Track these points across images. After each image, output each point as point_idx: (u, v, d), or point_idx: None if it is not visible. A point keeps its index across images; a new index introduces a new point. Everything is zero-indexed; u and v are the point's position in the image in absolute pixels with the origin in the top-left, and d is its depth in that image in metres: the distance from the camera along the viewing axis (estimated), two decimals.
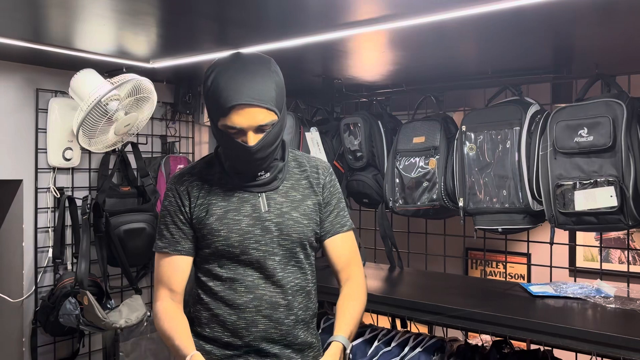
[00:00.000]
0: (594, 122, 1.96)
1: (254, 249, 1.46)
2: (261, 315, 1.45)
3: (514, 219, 2.19)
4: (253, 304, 1.45)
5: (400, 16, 1.64)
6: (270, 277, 1.47)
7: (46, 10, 1.73)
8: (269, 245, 1.47)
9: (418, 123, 2.55)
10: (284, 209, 1.49)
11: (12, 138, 2.43)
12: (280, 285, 1.47)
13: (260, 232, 1.46)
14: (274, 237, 1.47)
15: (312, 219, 1.53)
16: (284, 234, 1.48)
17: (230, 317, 1.46)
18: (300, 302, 1.51)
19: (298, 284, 1.51)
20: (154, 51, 2.23)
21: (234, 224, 1.45)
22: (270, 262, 1.47)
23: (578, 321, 1.85)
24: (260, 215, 1.47)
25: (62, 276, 2.47)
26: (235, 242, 1.45)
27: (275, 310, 1.46)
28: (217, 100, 1.39)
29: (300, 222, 1.50)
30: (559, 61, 2.27)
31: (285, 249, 1.48)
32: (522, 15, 1.60)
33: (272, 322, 1.46)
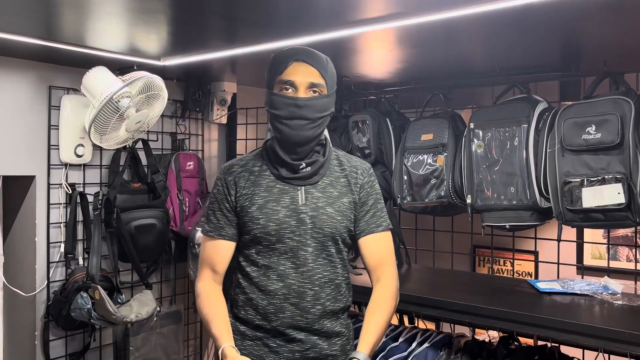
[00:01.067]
0: (602, 120, 1.97)
1: (289, 239, 1.55)
2: (289, 303, 1.55)
3: (521, 216, 2.20)
4: (282, 291, 1.55)
5: (409, 14, 1.65)
6: (301, 267, 1.56)
7: (59, 9, 1.76)
8: (303, 237, 1.56)
9: (426, 120, 2.56)
10: (320, 203, 1.58)
11: (26, 135, 2.47)
12: (309, 276, 1.56)
13: (296, 223, 1.55)
14: (307, 229, 1.56)
15: (346, 216, 1.60)
16: (317, 227, 1.56)
17: (261, 302, 1.57)
18: (329, 294, 1.58)
19: (327, 276, 1.58)
20: (165, 49, 2.25)
21: (272, 213, 1.56)
22: (302, 252, 1.56)
23: (585, 317, 1.86)
24: (297, 208, 1.56)
25: (74, 271, 2.50)
26: (272, 230, 1.55)
27: (302, 299, 1.55)
28: (277, 60, 1.56)
29: (333, 218, 1.58)
30: (567, 59, 2.27)
31: (317, 241, 1.57)
32: (530, 13, 1.61)
33: (298, 310, 1.55)
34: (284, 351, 1.58)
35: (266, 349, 1.59)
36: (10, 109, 2.42)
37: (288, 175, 1.59)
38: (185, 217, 2.89)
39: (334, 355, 1.62)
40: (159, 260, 2.79)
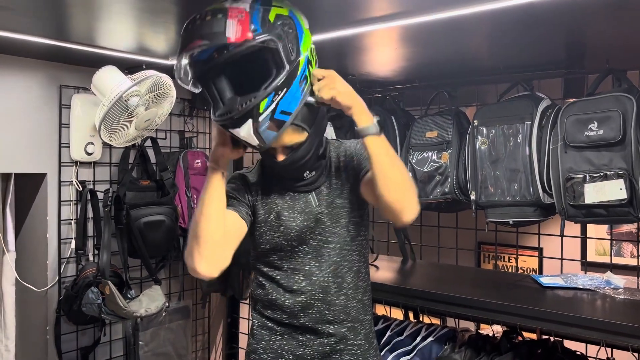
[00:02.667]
0: (604, 116, 1.99)
1: (311, 239, 1.57)
2: (315, 299, 1.57)
3: (525, 212, 2.23)
4: (307, 289, 1.56)
5: (413, 13, 1.68)
6: (324, 264, 1.57)
7: (69, 9, 1.80)
8: (323, 235, 1.57)
9: (431, 118, 2.59)
10: (331, 198, 1.59)
11: (37, 133, 2.52)
12: (332, 270, 1.58)
13: (315, 224, 1.57)
14: (327, 227, 1.57)
15: (354, 200, 1.61)
16: (334, 221, 1.58)
17: (287, 302, 1.58)
18: (350, 282, 1.61)
19: (346, 266, 1.60)
20: (173, 48, 2.28)
21: (290, 220, 1.56)
22: (325, 250, 1.58)
23: (587, 311, 1.89)
24: (312, 210, 1.57)
25: (85, 267, 2.55)
26: (293, 236, 1.56)
27: (327, 293, 1.57)
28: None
29: (345, 207, 1.60)
30: (570, 56, 2.29)
31: (337, 235, 1.58)
32: (534, 11, 1.62)
33: (324, 304, 1.57)
34: (314, 344, 1.59)
35: (295, 343, 1.60)
36: (22, 108, 2.46)
37: (295, 184, 1.59)
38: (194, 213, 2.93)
39: (359, 345, 1.64)
40: (168, 256, 2.83)
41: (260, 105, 1.33)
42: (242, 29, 1.27)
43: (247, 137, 1.38)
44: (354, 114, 1.45)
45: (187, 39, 1.31)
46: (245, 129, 1.36)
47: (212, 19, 1.28)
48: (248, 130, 1.36)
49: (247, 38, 1.27)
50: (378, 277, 2.38)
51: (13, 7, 1.73)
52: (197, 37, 1.27)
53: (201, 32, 1.27)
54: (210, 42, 1.28)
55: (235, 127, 1.37)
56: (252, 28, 1.28)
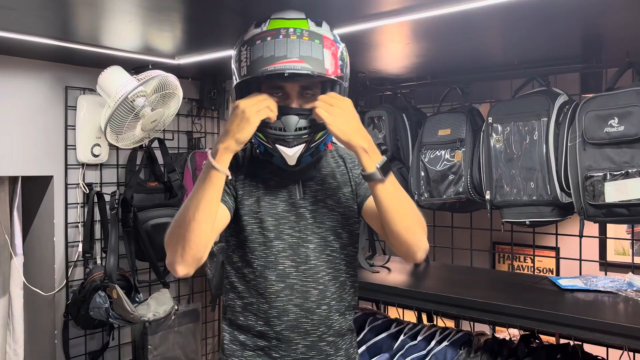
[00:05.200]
0: (625, 112, 1.92)
1: (288, 235, 1.46)
2: (292, 305, 1.45)
3: (542, 212, 2.16)
4: (284, 292, 1.45)
5: (425, 7, 1.62)
6: (302, 265, 1.46)
7: (74, 9, 1.76)
8: (303, 232, 1.46)
9: (443, 115, 2.53)
10: (319, 196, 1.49)
11: (43, 135, 2.49)
12: (312, 274, 1.46)
13: (295, 218, 1.46)
14: (308, 224, 1.47)
15: (347, 207, 1.52)
16: (318, 221, 1.47)
17: (262, 306, 1.46)
18: (334, 292, 1.49)
19: (330, 274, 1.48)
20: (179, 47, 2.25)
21: (270, 207, 1.46)
22: (303, 249, 1.46)
23: (609, 315, 1.82)
24: (295, 202, 1.47)
25: (92, 270, 2.52)
26: (270, 225, 1.45)
27: (307, 299, 1.45)
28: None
29: (334, 210, 1.50)
30: (588, 50, 2.22)
31: (319, 237, 1.47)
32: (550, 3, 1.57)
33: (302, 311, 1.45)
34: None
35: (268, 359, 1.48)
36: (27, 110, 2.44)
37: (283, 169, 1.46)
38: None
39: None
40: None
41: (319, 134, 1.39)
42: (335, 63, 1.35)
43: (291, 157, 1.38)
44: (357, 153, 1.37)
45: (281, 51, 1.30)
46: (294, 151, 1.37)
47: (310, 43, 1.32)
48: (296, 153, 1.37)
49: (338, 75, 1.36)
50: (390, 280, 2.33)
51: (17, 7, 1.70)
52: (295, 55, 1.30)
53: (301, 52, 1.30)
54: (311, 68, 1.30)
55: (284, 146, 1.37)
56: (340, 64, 1.37)
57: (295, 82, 1.36)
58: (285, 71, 1.29)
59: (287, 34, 1.32)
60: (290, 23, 1.35)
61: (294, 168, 1.42)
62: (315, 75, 1.32)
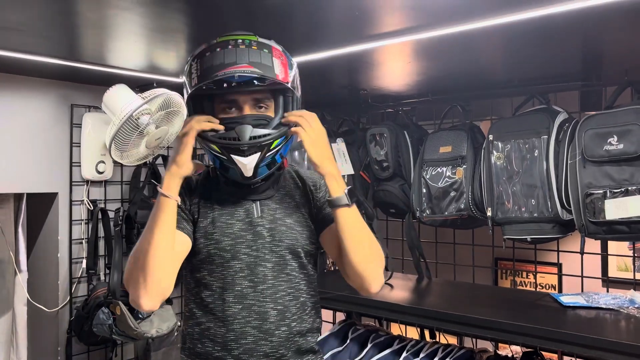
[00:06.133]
0: (624, 130, 1.94)
1: (245, 254, 1.42)
2: (250, 327, 1.40)
3: (543, 229, 2.17)
4: (242, 314, 1.40)
5: (425, 27, 1.65)
6: (260, 285, 1.42)
7: (81, 30, 1.79)
8: (260, 251, 1.43)
9: (444, 132, 2.55)
10: (277, 215, 1.47)
11: (48, 152, 2.51)
12: (270, 294, 1.42)
13: (252, 237, 1.43)
14: (265, 242, 1.43)
15: (306, 226, 1.50)
16: (276, 239, 1.44)
17: (219, 330, 1.41)
18: (294, 314, 1.44)
19: (291, 294, 1.45)
20: (184, 66, 2.27)
21: (226, 227, 1.43)
22: (261, 268, 1.42)
23: (611, 332, 1.82)
24: (252, 220, 1.44)
25: (96, 286, 2.53)
26: (227, 245, 1.42)
27: (265, 321, 1.41)
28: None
29: (293, 229, 1.47)
30: (587, 68, 2.24)
31: (277, 255, 1.44)
32: (549, 24, 1.59)
33: (261, 333, 1.40)
34: None
35: None
36: (33, 127, 2.46)
37: (239, 189, 1.46)
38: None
39: None
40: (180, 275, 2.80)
41: (274, 142, 1.37)
42: (285, 71, 1.37)
43: (246, 167, 1.36)
44: (326, 177, 1.40)
45: (230, 57, 1.32)
46: (250, 160, 1.36)
47: (259, 51, 1.35)
48: (252, 162, 1.36)
49: (288, 81, 1.38)
50: (392, 297, 2.33)
51: (25, 29, 1.73)
52: (244, 61, 1.32)
53: (250, 58, 1.33)
54: (261, 72, 1.32)
55: (239, 155, 1.35)
56: (289, 72, 1.39)
57: (247, 94, 1.38)
58: (234, 74, 1.30)
59: (235, 44, 1.35)
60: (239, 37, 1.38)
61: (251, 180, 1.40)
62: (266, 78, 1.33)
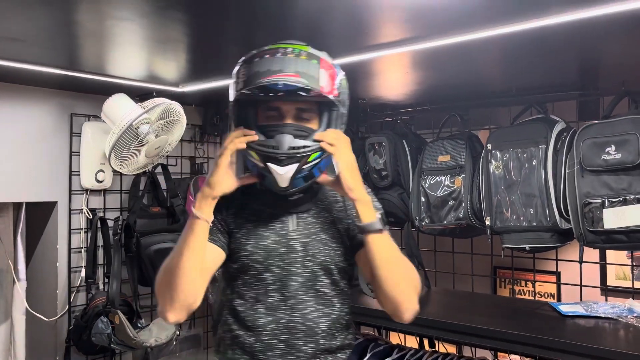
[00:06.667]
0: (621, 140, 1.95)
1: (278, 267, 1.41)
2: (277, 340, 1.39)
3: (541, 238, 2.18)
4: (270, 326, 1.40)
5: (423, 38, 1.66)
6: (290, 299, 1.40)
7: (81, 40, 1.81)
8: (293, 265, 1.41)
9: (443, 142, 2.56)
10: (313, 229, 1.44)
11: (48, 161, 2.52)
12: (299, 309, 1.40)
13: (286, 250, 1.41)
14: (298, 257, 1.41)
15: (341, 242, 1.46)
16: (309, 254, 1.42)
17: (248, 339, 1.41)
18: (324, 331, 1.42)
19: (320, 310, 1.42)
20: (183, 76, 2.29)
21: (260, 239, 1.42)
22: (292, 282, 1.41)
23: (610, 341, 1.82)
24: (287, 233, 1.42)
25: (94, 295, 2.53)
26: (260, 257, 1.41)
27: (293, 335, 1.39)
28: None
29: (327, 245, 1.44)
30: (584, 78, 2.26)
31: (309, 271, 1.42)
32: (547, 34, 1.60)
33: (288, 347, 1.39)
34: None
35: None
36: (32, 136, 2.47)
37: (277, 201, 1.43)
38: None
39: None
40: None
41: (312, 155, 1.34)
42: (331, 84, 1.34)
43: (282, 177, 1.33)
44: (357, 203, 1.36)
45: (277, 65, 1.30)
46: (286, 170, 1.32)
47: (307, 61, 1.32)
48: (288, 172, 1.32)
49: (333, 94, 1.35)
50: None
51: (26, 39, 1.74)
52: (292, 70, 1.29)
53: (297, 67, 1.30)
54: (306, 82, 1.29)
55: (276, 164, 1.32)
56: (336, 86, 1.36)
57: (291, 103, 1.36)
58: (279, 82, 1.28)
59: (285, 52, 1.32)
60: (290, 45, 1.36)
61: (286, 191, 1.37)
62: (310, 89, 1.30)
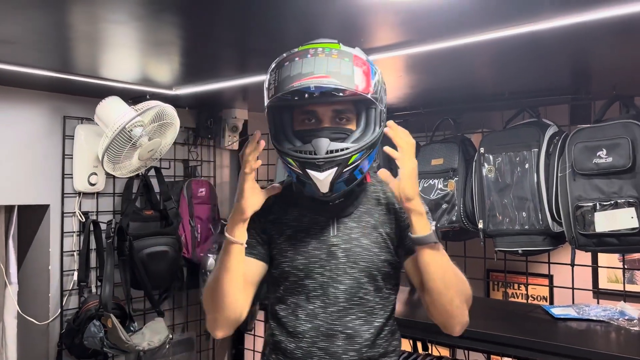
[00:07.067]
0: (612, 144, 1.96)
1: (319, 274, 1.37)
2: (317, 347, 1.36)
3: (534, 241, 2.19)
4: (310, 333, 1.37)
5: (417, 42, 1.67)
6: (330, 307, 1.36)
7: (74, 43, 1.80)
8: (334, 272, 1.36)
9: (436, 145, 2.57)
10: (354, 234, 1.39)
11: (40, 164, 2.51)
12: (340, 317, 1.36)
13: (327, 256, 1.37)
14: (339, 263, 1.37)
15: (384, 247, 1.39)
16: (351, 261, 1.37)
17: (289, 345, 1.40)
18: (366, 339, 1.37)
19: (362, 318, 1.37)
20: (177, 78, 2.29)
21: (301, 245, 1.39)
22: (332, 289, 1.36)
23: (601, 344, 1.84)
24: (327, 239, 1.38)
25: (87, 299, 2.51)
26: (300, 264, 1.38)
27: (332, 343, 1.35)
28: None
29: (369, 250, 1.38)
30: (576, 83, 2.28)
31: (351, 277, 1.37)
32: (539, 39, 1.61)
33: (327, 355, 1.36)
34: None
35: None
36: (25, 139, 2.46)
37: (317, 205, 1.39)
38: (198, 243, 2.90)
39: None
40: (171, 287, 2.80)
41: (352, 157, 1.28)
42: (367, 81, 1.27)
43: (322, 183, 1.27)
44: (413, 214, 1.31)
45: (308, 67, 1.24)
46: (326, 175, 1.27)
47: (339, 60, 1.26)
48: (328, 177, 1.27)
49: (369, 92, 1.27)
50: None
51: (18, 41, 1.73)
52: (322, 71, 1.23)
53: (329, 68, 1.24)
54: (339, 82, 1.23)
55: (315, 170, 1.27)
56: (372, 82, 1.29)
57: (326, 105, 1.30)
58: (311, 85, 1.23)
59: (315, 53, 1.26)
60: (320, 45, 1.30)
61: (328, 197, 1.32)
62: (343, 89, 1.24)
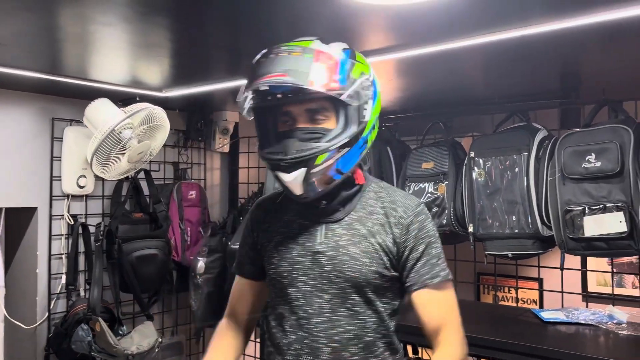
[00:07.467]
0: (601, 148, 1.97)
1: (302, 282, 1.31)
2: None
3: (523, 244, 2.19)
4: (294, 346, 1.30)
5: (407, 46, 1.67)
6: (314, 317, 1.29)
7: (63, 45, 1.79)
8: (318, 281, 1.29)
9: (427, 149, 2.57)
10: (342, 242, 1.30)
11: (28, 166, 2.48)
12: (324, 329, 1.28)
13: (311, 264, 1.30)
14: (324, 272, 1.29)
15: (375, 258, 1.29)
16: (337, 269, 1.28)
17: (277, 357, 1.35)
18: (355, 354, 1.28)
19: (351, 331, 1.28)
20: (167, 81, 2.28)
21: (286, 251, 1.33)
22: (316, 299, 1.29)
23: (590, 348, 1.84)
24: (313, 246, 1.31)
25: (75, 302, 2.49)
26: (284, 271, 1.33)
27: (317, 357, 1.28)
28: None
29: (357, 260, 1.28)
30: (566, 87, 2.29)
31: (337, 287, 1.28)
32: (529, 43, 1.62)
33: None
34: None
35: None
36: (12, 141, 2.44)
37: (307, 210, 1.34)
38: (187, 246, 2.89)
39: None
40: (161, 290, 2.78)
41: (319, 157, 1.23)
42: (328, 76, 1.21)
43: (292, 184, 1.25)
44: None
45: (267, 67, 1.22)
46: (294, 176, 1.24)
47: (300, 57, 1.22)
48: (297, 178, 1.24)
49: (330, 88, 1.21)
50: None
51: (7, 43, 1.72)
52: (279, 69, 1.20)
53: (286, 66, 1.20)
54: (293, 80, 1.19)
55: (283, 172, 1.25)
56: (337, 78, 1.22)
57: (298, 105, 1.26)
58: (261, 85, 1.22)
59: (278, 52, 1.23)
60: (293, 43, 1.26)
61: (304, 199, 1.28)
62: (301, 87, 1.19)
